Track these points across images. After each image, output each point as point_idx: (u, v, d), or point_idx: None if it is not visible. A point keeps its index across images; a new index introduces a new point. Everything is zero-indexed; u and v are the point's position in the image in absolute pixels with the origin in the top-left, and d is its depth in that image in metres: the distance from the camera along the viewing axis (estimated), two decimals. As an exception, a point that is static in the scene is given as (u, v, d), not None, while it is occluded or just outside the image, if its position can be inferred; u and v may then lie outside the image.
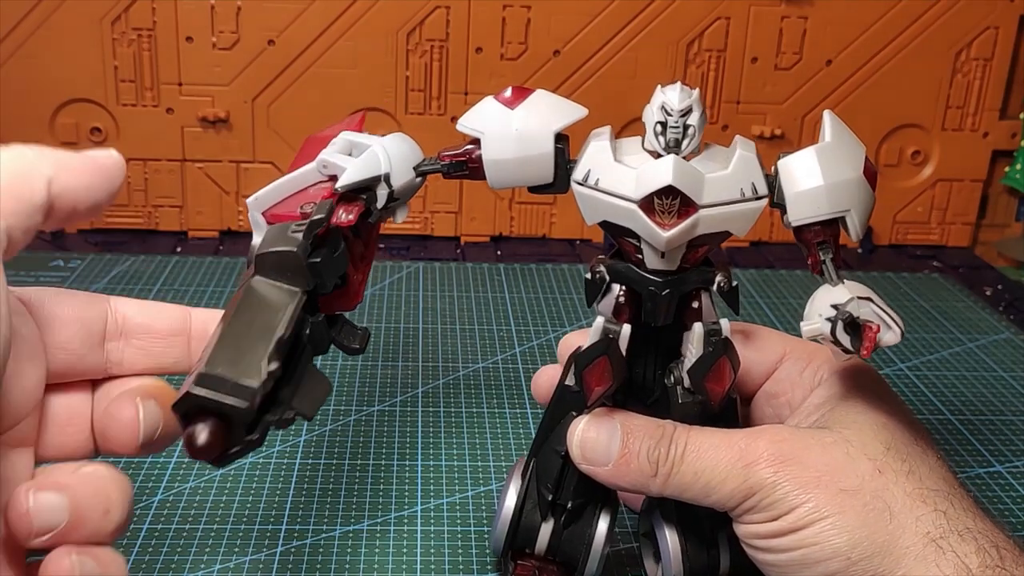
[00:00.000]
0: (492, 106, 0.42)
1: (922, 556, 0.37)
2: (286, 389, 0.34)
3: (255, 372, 0.31)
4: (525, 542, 0.47)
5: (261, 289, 0.35)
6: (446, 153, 0.42)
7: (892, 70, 0.94)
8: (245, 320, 0.34)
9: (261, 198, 0.41)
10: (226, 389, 0.31)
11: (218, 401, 0.31)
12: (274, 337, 0.33)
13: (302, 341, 0.36)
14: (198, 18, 0.87)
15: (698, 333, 0.42)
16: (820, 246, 0.41)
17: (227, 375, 0.31)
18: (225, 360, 0.32)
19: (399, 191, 0.41)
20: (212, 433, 0.31)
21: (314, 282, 0.36)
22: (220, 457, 0.32)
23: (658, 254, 0.41)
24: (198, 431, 0.31)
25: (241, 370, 0.31)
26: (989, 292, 0.91)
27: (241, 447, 0.32)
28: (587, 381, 0.42)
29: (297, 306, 0.35)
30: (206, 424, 0.31)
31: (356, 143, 0.42)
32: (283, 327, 0.34)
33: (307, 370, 0.35)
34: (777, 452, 0.40)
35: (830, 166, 0.41)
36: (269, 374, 0.32)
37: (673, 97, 0.40)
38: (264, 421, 0.32)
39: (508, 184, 0.42)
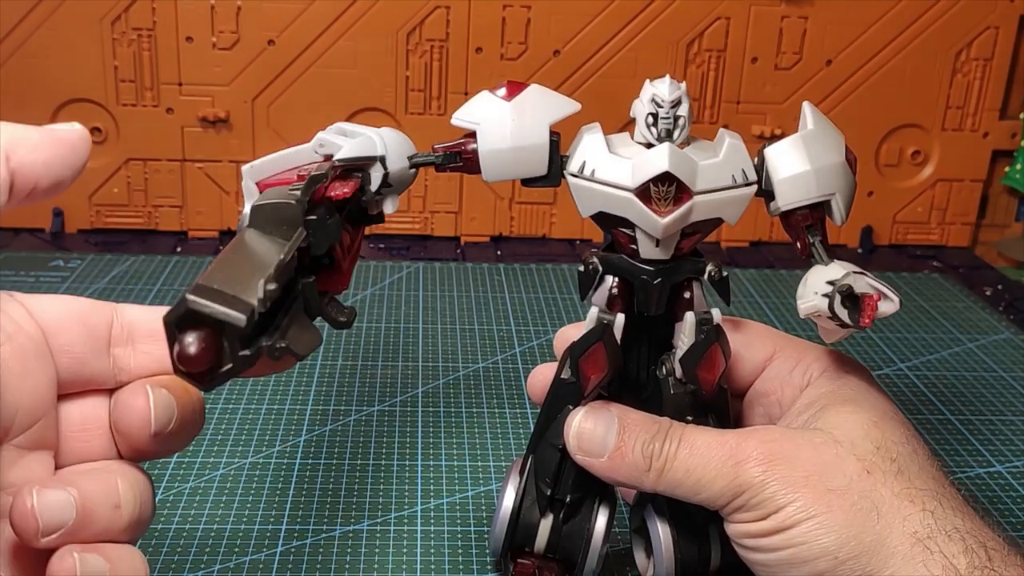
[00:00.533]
0: (487, 99, 0.42)
1: (909, 556, 0.37)
2: (282, 318, 0.33)
3: (253, 289, 0.31)
4: (524, 540, 0.47)
5: (255, 239, 0.34)
6: (440, 146, 0.43)
7: (892, 70, 0.94)
8: (240, 255, 0.33)
9: (256, 167, 0.41)
10: (223, 300, 0.30)
11: (213, 310, 0.30)
12: (275, 261, 0.32)
13: (296, 286, 0.35)
14: (198, 18, 0.87)
15: (690, 322, 0.43)
16: (808, 230, 0.42)
17: (225, 289, 0.30)
18: (222, 277, 0.31)
19: (393, 177, 0.42)
20: (203, 341, 0.30)
21: (308, 236, 0.36)
22: (209, 373, 0.30)
23: (653, 242, 0.42)
24: (189, 341, 0.30)
25: (239, 287, 0.31)
26: (989, 292, 0.91)
27: (232, 365, 0.31)
28: (583, 369, 0.42)
29: (298, 240, 0.34)
30: (198, 334, 0.30)
31: (350, 130, 0.42)
32: (284, 253, 0.33)
33: (301, 316, 0.35)
34: (766, 451, 0.40)
35: (815, 151, 0.42)
36: (268, 292, 0.31)
37: (663, 89, 0.41)
38: (257, 343, 0.31)
39: (502, 176, 0.43)
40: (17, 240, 0.91)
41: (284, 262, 0.33)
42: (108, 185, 0.91)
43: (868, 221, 0.99)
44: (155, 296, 0.80)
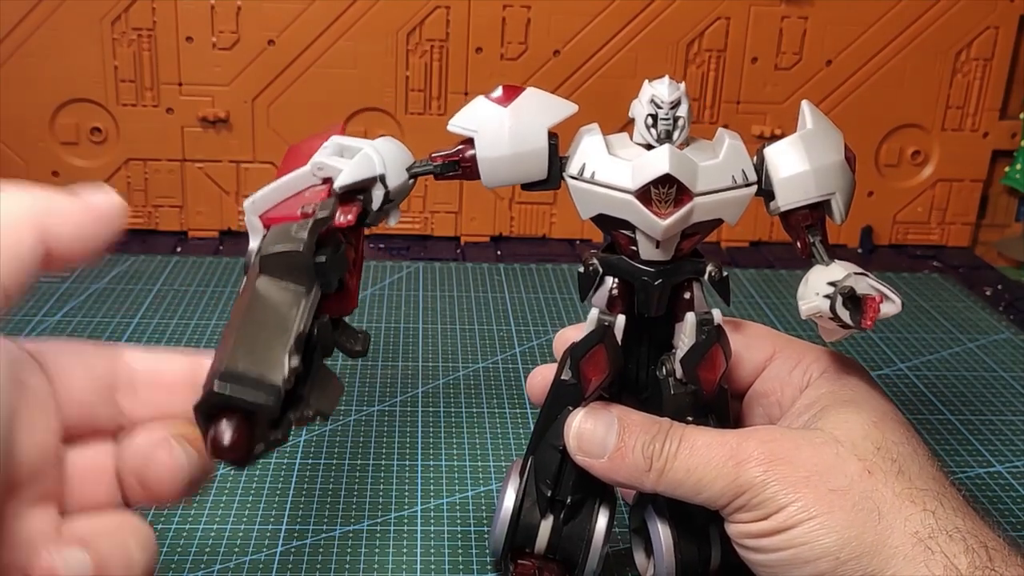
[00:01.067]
0: (484, 105, 0.42)
1: (911, 556, 0.37)
2: (305, 386, 0.33)
3: (278, 368, 0.31)
4: (524, 541, 0.47)
5: (268, 290, 0.35)
6: (437, 154, 0.42)
7: (892, 70, 0.94)
8: (258, 320, 0.33)
9: (257, 201, 0.41)
10: (250, 385, 0.30)
11: (242, 398, 0.30)
12: (293, 331, 0.33)
13: (312, 341, 0.35)
14: (198, 18, 0.87)
15: (690, 322, 0.43)
16: (808, 229, 0.42)
17: (249, 372, 0.31)
18: (245, 357, 0.31)
19: (393, 192, 0.41)
20: (237, 431, 0.30)
21: (320, 281, 0.36)
22: (245, 457, 0.31)
23: (653, 244, 0.41)
24: (223, 430, 0.30)
25: (263, 367, 0.31)
26: (989, 292, 0.91)
27: (265, 445, 0.31)
28: (584, 371, 0.42)
29: (312, 301, 0.35)
30: (231, 422, 0.30)
31: (346, 146, 0.42)
32: (300, 321, 0.33)
33: (320, 369, 0.35)
34: (767, 452, 0.40)
35: (815, 151, 0.42)
36: (291, 369, 0.31)
37: (662, 90, 0.41)
38: (287, 418, 0.32)
39: (502, 182, 0.42)
40: (17, 240, 0.91)
41: (304, 332, 0.33)
42: (108, 185, 0.91)
43: (868, 221, 0.99)
44: (155, 296, 0.80)
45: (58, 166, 0.90)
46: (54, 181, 0.90)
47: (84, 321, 0.75)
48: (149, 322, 0.75)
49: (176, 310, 0.78)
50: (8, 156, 0.90)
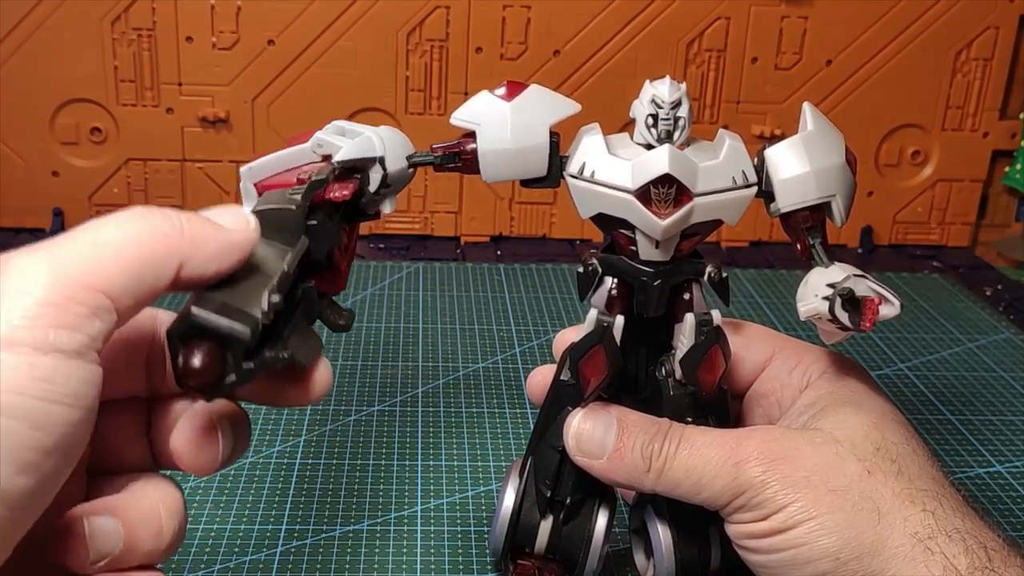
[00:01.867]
0: (487, 99, 0.42)
1: (911, 557, 0.37)
2: (284, 329, 0.33)
3: (257, 301, 0.31)
4: (524, 541, 0.47)
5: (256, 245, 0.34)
6: (438, 145, 0.43)
7: (892, 70, 0.94)
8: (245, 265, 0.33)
9: (255, 169, 0.41)
10: (228, 313, 0.30)
11: (217, 324, 0.30)
12: (278, 272, 0.32)
13: (297, 294, 0.35)
14: (198, 18, 0.87)
15: (690, 323, 0.43)
16: (808, 231, 0.42)
17: (229, 301, 0.30)
18: (226, 289, 0.31)
19: (392, 177, 0.41)
20: (208, 355, 0.30)
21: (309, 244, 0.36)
22: (213, 385, 0.30)
23: (653, 244, 0.41)
24: (193, 353, 0.29)
25: (243, 299, 0.31)
26: (989, 292, 0.91)
27: (237, 377, 0.31)
28: (583, 371, 0.42)
29: (298, 251, 0.34)
30: (202, 347, 0.30)
31: (348, 129, 0.42)
32: (287, 264, 0.33)
33: (301, 324, 0.35)
34: (767, 451, 0.40)
35: (815, 153, 0.42)
36: (271, 304, 0.31)
37: (663, 90, 0.41)
38: (262, 355, 0.31)
39: (501, 177, 0.42)
40: (17, 240, 0.91)
41: (287, 272, 0.33)
42: (108, 185, 0.91)
43: (868, 221, 0.99)
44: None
45: (58, 166, 0.90)
46: (54, 181, 0.91)
47: (84, 321, 0.74)
48: (149, 322, 0.75)
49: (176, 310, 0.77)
50: (8, 156, 0.90)
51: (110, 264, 0.28)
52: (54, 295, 0.27)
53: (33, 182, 0.91)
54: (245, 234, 0.32)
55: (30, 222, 0.92)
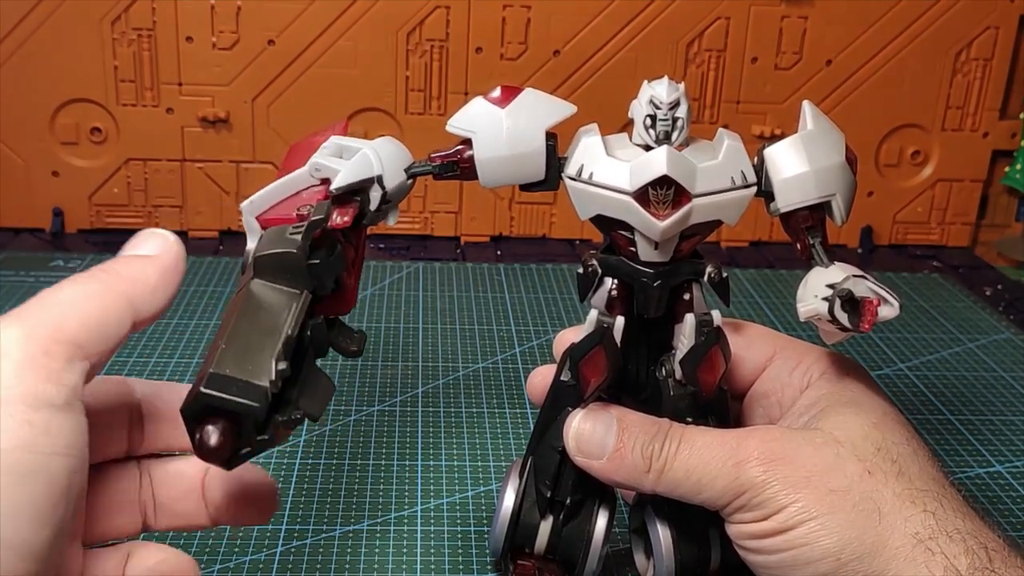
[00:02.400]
0: (482, 106, 0.42)
1: (911, 557, 0.37)
2: (293, 389, 0.33)
3: (265, 371, 0.31)
4: (524, 541, 0.47)
5: (262, 292, 0.35)
6: (436, 155, 0.42)
7: (892, 70, 0.94)
8: (248, 321, 0.34)
9: (255, 202, 0.41)
10: (237, 389, 0.31)
11: (229, 400, 0.30)
12: (281, 336, 0.33)
13: (304, 343, 0.36)
14: (198, 18, 0.87)
15: (690, 324, 0.43)
16: (808, 231, 0.42)
17: (236, 375, 0.31)
18: (233, 360, 0.32)
19: (391, 193, 0.41)
20: (222, 434, 0.31)
21: (313, 283, 0.36)
22: (230, 459, 0.31)
23: (652, 245, 0.41)
24: (209, 432, 0.31)
25: (250, 369, 0.31)
26: (989, 292, 0.91)
27: (251, 448, 0.32)
28: (583, 372, 0.42)
29: (302, 305, 0.35)
30: (216, 425, 0.31)
31: (346, 147, 0.42)
32: (289, 326, 0.33)
33: (311, 371, 0.35)
34: (767, 451, 0.40)
35: (815, 152, 0.42)
36: (279, 373, 0.31)
37: (661, 91, 0.40)
38: (273, 421, 0.32)
39: (500, 183, 0.42)
40: (17, 240, 0.91)
41: (293, 336, 0.33)
42: (108, 185, 0.91)
43: (868, 221, 0.99)
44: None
45: (58, 166, 0.90)
46: (54, 181, 0.91)
47: (84, 321, 0.75)
48: (149, 322, 0.75)
49: (176, 310, 0.78)
50: (8, 156, 0.90)
51: (73, 318, 0.30)
52: (32, 353, 0.29)
53: (33, 182, 0.91)
54: (172, 253, 0.34)
55: (30, 222, 0.92)
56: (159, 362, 0.69)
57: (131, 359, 0.70)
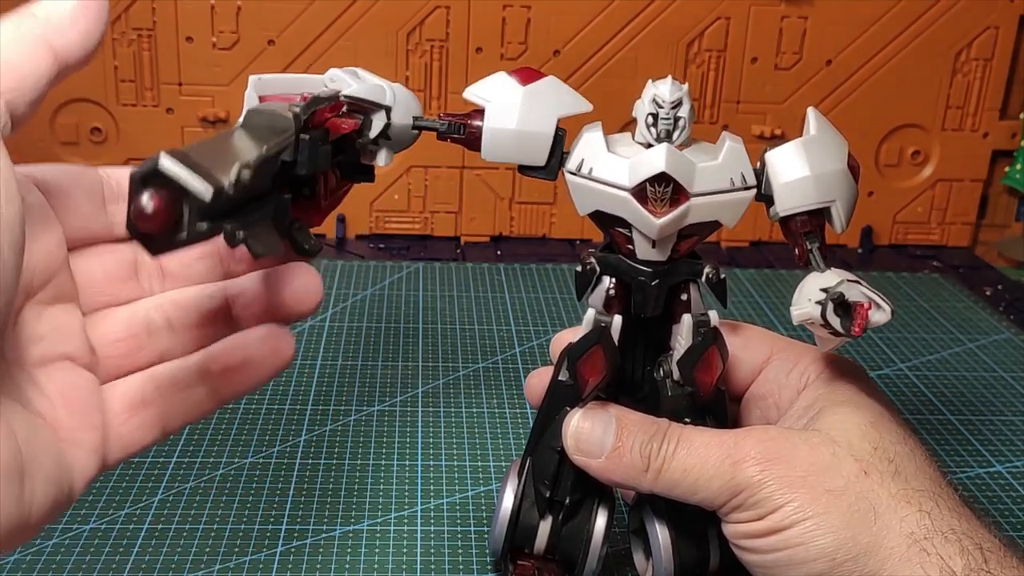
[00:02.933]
0: (503, 80, 0.43)
1: (907, 558, 0.37)
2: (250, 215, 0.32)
3: (228, 170, 0.30)
4: (524, 541, 0.47)
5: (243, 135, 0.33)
6: (446, 115, 0.43)
7: (892, 70, 0.94)
8: (223, 140, 0.33)
9: (265, 81, 0.42)
10: (196, 170, 0.29)
11: (183, 177, 0.29)
12: (255, 152, 0.32)
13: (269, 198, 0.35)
14: (198, 18, 0.87)
15: (687, 324, 0.43)
16: (807, 236, 0.42)
17: (201, 161, 0.29)
18: (202, 152, 0.30)
19: (394, 130, 0.42)
20: (161, 201, 0.29)
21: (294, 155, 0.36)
22: (161, 235, 0.29)
23: (649, 243, 0.41)
24: (147, 196, 0.29)
25: (215, 164, 0.30)
26: (989, 292, 0.91)
27: (187, 235, 0.30)
28: (581, 372, 0.42)
29: (284, 140, 0.34)
30: (159, 193, 0.29)
31: (364, 76, 0.42)
32: (267, 148, 0.32)
33: (268, 222, 0.34)
34: (764, 451, 0.40)
35: (816, 157, 0.42)
36: (241, 176, 0.30)
37: (664, 90, 0.41)
38: (218, 220, 0.30)
39: (500, 158, 0.43)
40: (17, 240, 0.91)
41: (266, 155, 0.32)
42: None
43: (868, 221, 0.99)
44: (155, 296, 0.80)
45: (58, 166, 0.90)
46: (54, 181, 0.90)
47: (84, 321, 0.75)
48: (149, 322, 0.75)
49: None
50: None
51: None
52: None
53: (33, 182, 0.91)
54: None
55: (30, 222, 0.92)
56: (159, 362, 0.69)
57: (131, 359, 0.70)
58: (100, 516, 0.54)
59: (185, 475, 0.57)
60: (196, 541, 0.52)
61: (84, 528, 0.53)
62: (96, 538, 0.52)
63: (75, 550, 0.51)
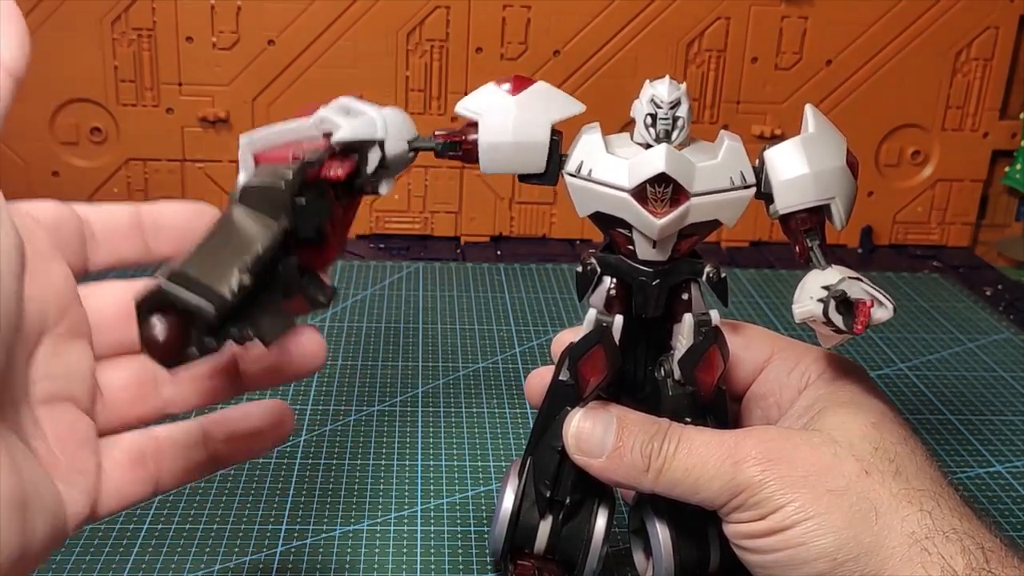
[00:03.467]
0: (493, 91, 0.43)
1: (907, 557, 0.37)
2: (255, 309, 0.33)
3: (227, 280, 0.31)
4: (524, 541, 0.47)
5: (241, 216, 0.34)
6: (441, 132, 0.43)
7: (892, 70, 0.94)
8: (222, 237, 0.33)
9: (255, 139, 0.41)
10: (196, 289, 0.30)
11: (185, 299, 0.30)
12: (251, 253, 0.32)
13: (277, 271, 0.35)
14: (198, 18, 0.87)
15: (688, 323, 0.43)
16: (807, 233, 0.42)
17: (199, 277, 0.31)
18: (198, 264, 0.31)
19: (391, 160, 0.42)
20: (170, 328, 0.30)
21: (294, 222, 0.36)
22: (174, 357, 0.31)
23: (650, 243, 0.41)
24: (156, 325, 0.30)
25: (213, 276, 0.31)
26: (989, 292, 0.91)
27: (197, 351, 0.31)
28: (582, 372, 0.42)
29: (278, 232, 0.34)
30: (166, 319, 0.30)
31: (352, 107, 0.42)
32: (261, 246, 0.33)
33: (275, 303, 0.35)
34: (765, 451, 0.40)
35: (815, 155, 0.42)
36: (240, 284, 0.31)
37: (662, 90, 0.41)
38: (225, 330, 0.31)
39: (499, 169, 0.42)
40: (17, 240, 0.91)
41: (262, 256, 0.33)
42: (108, 185, 0.91)
43: (868, 221, 0.99)
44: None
45: (58, 166, 0.90)
46: (54, 181, 0.91)
47: (84, 321, 0.75)
48: (149, 322, 0.75)
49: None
50: (8, 156, 0.90)
51: None
52: None
53: (33, 182, 0.91)
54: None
55: (30, 222, 0.92)
56: (159, 362, 0.69)
57: (131, 359, 0.70)
58: (100, 516, 0.54)
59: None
60: (196, 541, 0.52)
61: (84, 528, 0.53)
62: (96, 538, 0.52)
63: (75, 550, 0.51)
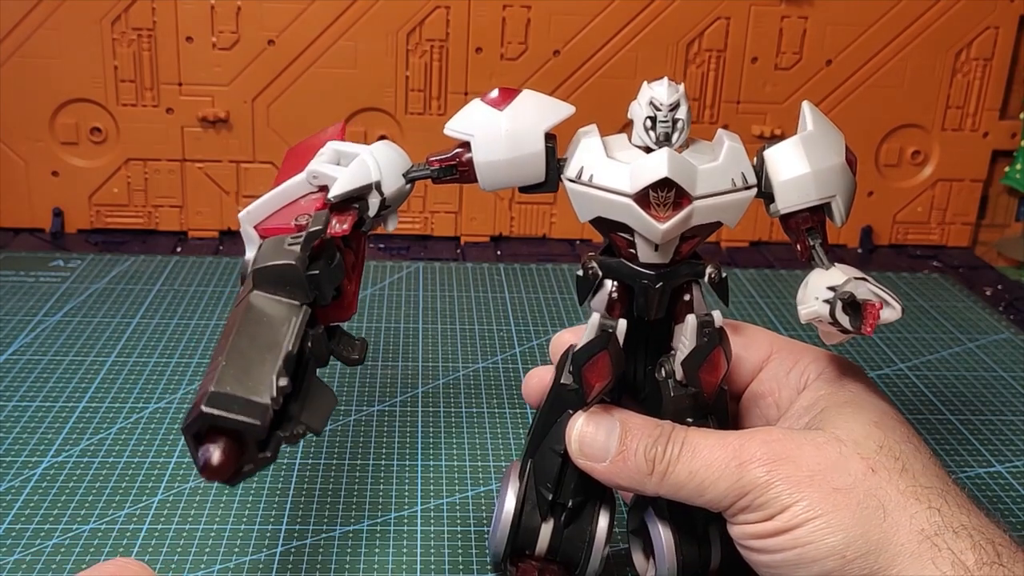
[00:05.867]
0: (480, 108, 0.42)
1: (917, 554, 0.37)
2: (294, 404, 0.34)
3: (265, 388, 0.32)
4: (525, 544, 0.47)
5: (262, 304, 0.35)
6: (434, 158, 0.42)
7: (892, 70, 0.94)
8: (248, 336, 0.34)
9: (252, 212, 0.41)
10: (237, 407, 0.31)
11: (230, 419, 0.31)
12: (282, 352, 0.33)
13: (305, 354, 0.36)
14: (198, 18, 0.87)
15: (691, 325, 0.43)
16: (808, 232, 0.42)
17: (237, 392, 0.31)
18: (233, 377, 0.32)
19: (390, 198, 0.41)
20: (225, 452, 0.31)
21: (313, 294, 0.36)
22: (233, 476, 0.32)
23: (652, 247, 0.41)
24: (211, 451, 0.31)
25: (251, 387, 0.32)
26: (989, 292, 0.91)
27: (254, 465, 0.32)
28: (587, 378, 0.42)
29: (301, 320, 0.35)
30: (218, 444, 0.31)
31: (344, 152, 0.42)
32: (290, 341, 0.34)
33: (312, 384, 0.35)
34: (770, 452, 0.40)
35: (815, 153, 0.42)
36: (279, 390, 0.32)
37: (661, 92, 0.40)
38: (276, 437, 0.32)
39: (500, 186, 0.42)
40: (17, 240, 0.91)
41: (292, 352, 0.34)
42: (108, 185, 0.91)
43: (868, 221, 0.99)
44: (155, 296, 0.80)
45: (58, 166, 0.90)
46: (54, 181, 0.91)
47: (84, 321, 0.75)
48: (149, 322, 0.75)
49: (176, 310, 0.78)
50: (8, 156, 0.90)
51: None
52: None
53: (33, 182, 0.91)
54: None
55: (30, 222, 0.92)
56: (160, 362, 0.69)
57: (131, 358, 0.70)
58: (100, 516, 0.54)
59: (185, 475, 0.57)
60: (196, 541, 0.52)
61: (84, 528, 0.53)
62: (96, 538, 0.52)
63: (75, 550, 0.51)
